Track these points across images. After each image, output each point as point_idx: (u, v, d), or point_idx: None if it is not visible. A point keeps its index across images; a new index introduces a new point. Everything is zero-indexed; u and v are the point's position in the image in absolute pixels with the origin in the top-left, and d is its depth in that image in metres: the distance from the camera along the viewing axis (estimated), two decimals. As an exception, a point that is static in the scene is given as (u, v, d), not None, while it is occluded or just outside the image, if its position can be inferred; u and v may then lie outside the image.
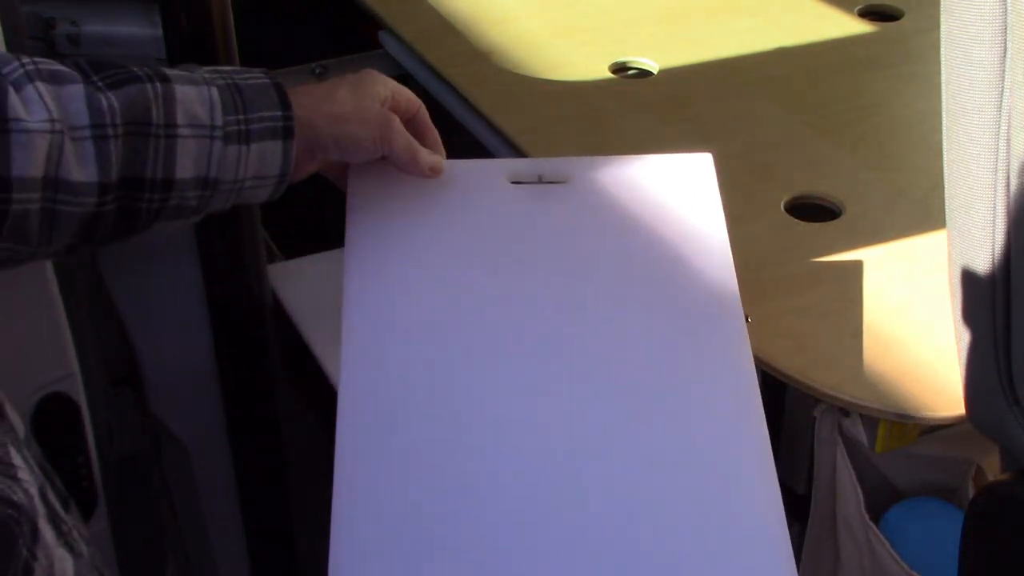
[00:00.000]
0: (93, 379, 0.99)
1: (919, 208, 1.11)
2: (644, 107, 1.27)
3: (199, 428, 1.27)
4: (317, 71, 1.42)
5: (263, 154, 0.78)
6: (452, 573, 0.67)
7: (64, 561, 0.63)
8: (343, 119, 0.80)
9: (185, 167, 0.75)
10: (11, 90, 0.70)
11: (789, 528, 0.69)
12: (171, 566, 1.13)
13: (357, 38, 1.51)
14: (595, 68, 1.35)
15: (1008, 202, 0.68)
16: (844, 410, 0.95)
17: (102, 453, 1.02)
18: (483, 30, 1.42)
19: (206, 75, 0.78)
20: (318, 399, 1.23)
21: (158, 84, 0.74)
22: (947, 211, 0.73)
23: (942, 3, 0.68)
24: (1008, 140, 0.67)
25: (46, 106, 0.70)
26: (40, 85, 0.71)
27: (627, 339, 0.78)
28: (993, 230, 0.70)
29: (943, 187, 0.73)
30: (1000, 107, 0.67)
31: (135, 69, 0.75)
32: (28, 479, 0.63)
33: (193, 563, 1.35)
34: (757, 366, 0.96)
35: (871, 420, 0.93)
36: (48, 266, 0.92)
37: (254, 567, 1.42)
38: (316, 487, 1.38)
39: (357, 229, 0.84)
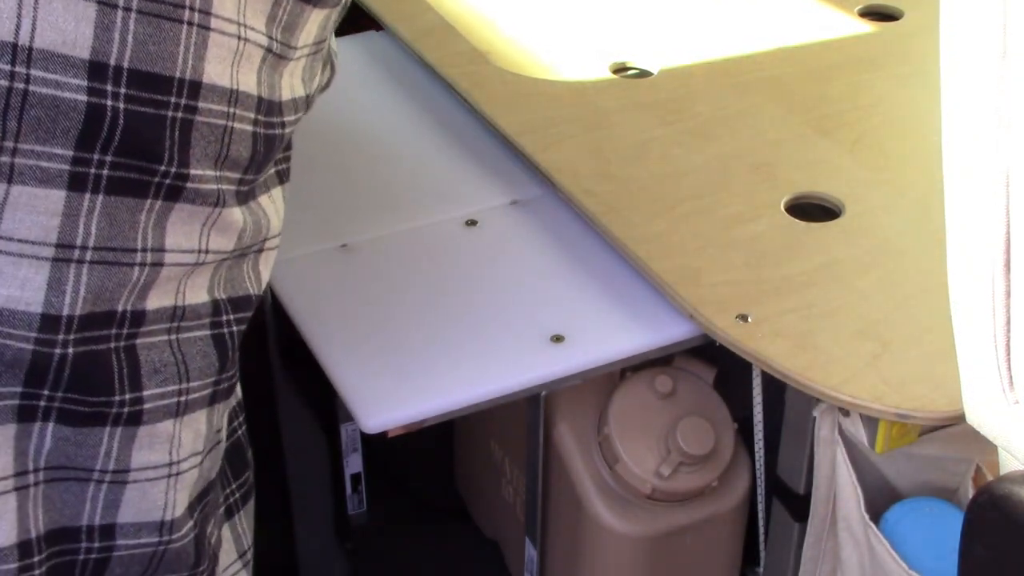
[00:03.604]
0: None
1: (919, 208, 1.11)
2: (644, 107, 1.27)
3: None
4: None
5: None
6: None
7: None
8: None
9: None
10: None
11: (789, 528, 0.69)
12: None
13: (357, 38, 1.50)
14: (595, 68, 1.35)
15: (1008, 202, 0.68)
16: (844, 410, 0.95)
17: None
18: (483, 30, 1.42)
19: None
20: (317, 398, 1.23)
21: None
22: (947, 210, 0.73)
23: (942, 3, 0.68)
24: (1008, 140, 0.67)
25: None
26: None
27: None
28: (993, 230, 0.69)
29: (943, 187, 0.72)
30: (1000, 107, 0.67)
31: None
32: None
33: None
34: (758, 366, 0.97)
35: (871, 420, 0.93)
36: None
37: (254, 567, 1.41)
38: (316, 486, 1.38)
39: None
